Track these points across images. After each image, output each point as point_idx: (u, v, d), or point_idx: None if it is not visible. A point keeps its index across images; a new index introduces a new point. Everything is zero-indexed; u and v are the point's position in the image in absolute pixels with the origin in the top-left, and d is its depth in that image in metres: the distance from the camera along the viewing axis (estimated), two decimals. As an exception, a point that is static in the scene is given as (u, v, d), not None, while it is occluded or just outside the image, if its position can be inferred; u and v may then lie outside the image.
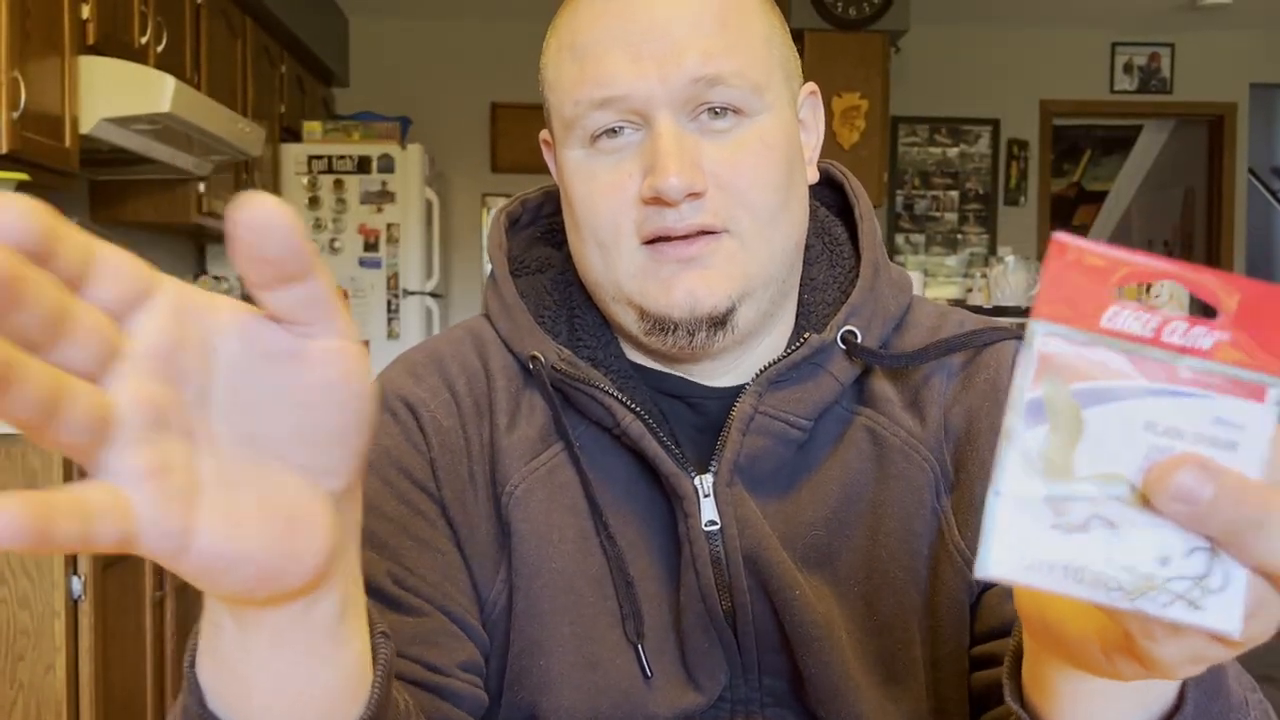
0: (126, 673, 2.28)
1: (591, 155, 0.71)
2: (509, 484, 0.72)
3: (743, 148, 0.69)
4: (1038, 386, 0.35)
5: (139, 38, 2.94)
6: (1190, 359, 0.35)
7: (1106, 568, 0.35)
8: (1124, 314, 0.35)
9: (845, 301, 0.74)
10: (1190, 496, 0.34)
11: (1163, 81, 5.75)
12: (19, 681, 2.03)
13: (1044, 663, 0.48)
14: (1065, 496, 0.35)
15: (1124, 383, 0.35)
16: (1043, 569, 0.35)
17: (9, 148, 2.31)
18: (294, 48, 4.47)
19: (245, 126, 3.30)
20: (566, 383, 0.71)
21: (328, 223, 4.38)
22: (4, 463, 2.02)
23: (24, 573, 2.02)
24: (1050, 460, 0.35)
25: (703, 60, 0.67)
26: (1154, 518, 0.35)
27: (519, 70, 5.41)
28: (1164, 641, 0.37)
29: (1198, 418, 0.35)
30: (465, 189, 5.46)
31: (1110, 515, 0.35)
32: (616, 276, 0.71)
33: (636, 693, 0.69)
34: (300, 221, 0.35)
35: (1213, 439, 0.35)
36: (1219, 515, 0.34)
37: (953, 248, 5.81)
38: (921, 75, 5.59)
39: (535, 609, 0.70)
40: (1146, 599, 0.34)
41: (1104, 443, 0.35)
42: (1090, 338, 0.35)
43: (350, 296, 4.39)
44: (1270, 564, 0.34)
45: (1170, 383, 0.35)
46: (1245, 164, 5.89)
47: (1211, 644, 0.36)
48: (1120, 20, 5.54)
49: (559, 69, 0.72)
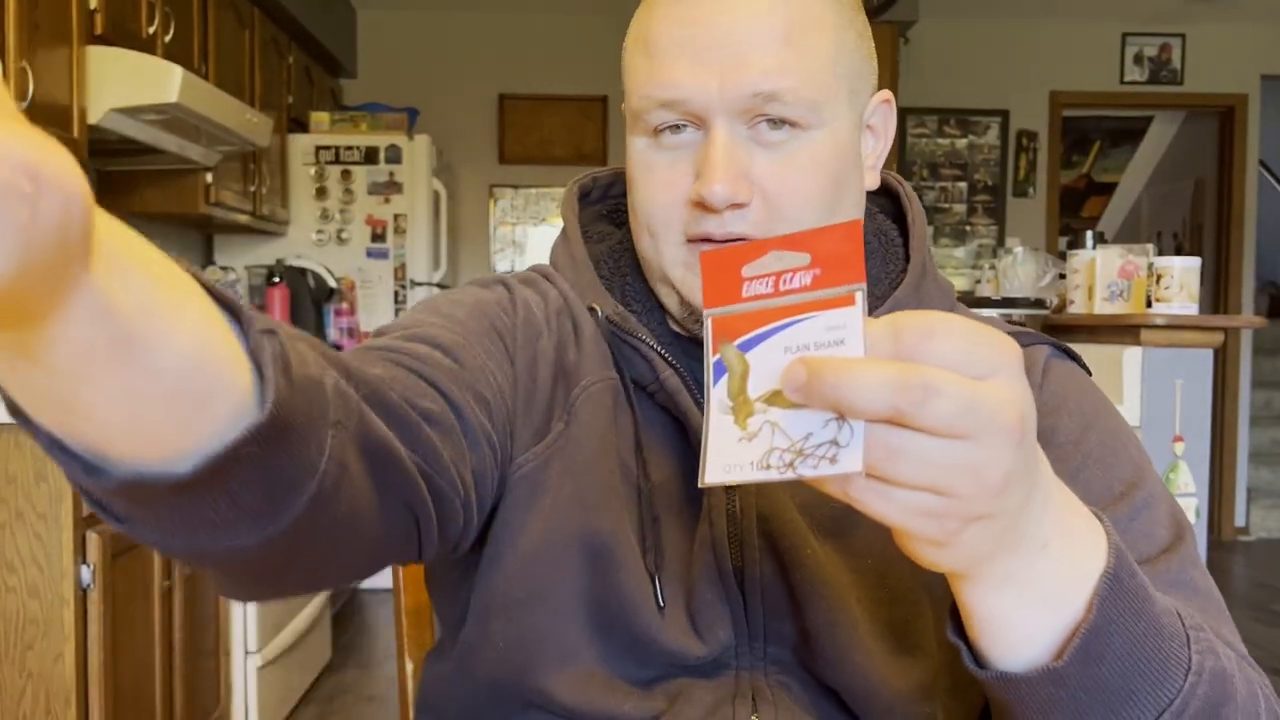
0: (135, 662, 2.29)
1: (653, 147, 0.75)
2: (587, 379, 0.77)
3: (791, 163, 0.72)
4: (715, 352, 0.49)
5: (147, 28, 2.94)
6: (797, 296, 0.48)
7: (773, 455, 0.46)
8: (754, 284, 0.49)
9: (891, 296, 0.78)
10: (795, 383, 0.45)
11: (1173, 73, 5.72)
12: (28, 670, 2.04)
13: (954, 590, 0.54)
14: (745, 417, 0.48)
15: (766, 327, 0.48)
16: (735, 469, 0.47)
17: (17, 138, 2.31)
18: (302, 38, 4.46)
19: (253, 117, 3.30)
20: (617, 333, 0.77)
21: (335, 213, 4.38)
22: (13, 451, 2.02)
23: (33, 562, 2.03)
24: (735, 398, 0.48)
25: (761, 76, 0.70)
26: (797, 409, 0.46)
27: (527, 62, 5.40)
28: (865, 498, 0.46)
29: (815, 332, 0.47)
30: (472, 180, 5.46)
31: (773, 419, 0.47)
32: (663, 263, 0.76)
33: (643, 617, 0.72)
34: None
35: (829, 342, 0.47)
36: (819, 390, 0.44)
37: (961, 239, 5.79)
38: (930, 66, 5.57)
39: (567, 501, 0.73)
40: (804, 465, 0.45)
41: (763, 372, 0.48)
42: (739, 306, 0.50)
43: (357, 287, 4.39)
44: (867, 411, 0.44)
45: (791, 316, 0.48)
46: (1256, 156, 5.86)
47: (881, 489, 0.45)
48: (1131, 11, 5.51)
49: (632, 60, 0.76)
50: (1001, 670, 0.53)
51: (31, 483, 2.03)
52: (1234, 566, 5.22)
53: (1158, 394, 2.66)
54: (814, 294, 0.48)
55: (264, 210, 4.02)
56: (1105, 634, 0.52)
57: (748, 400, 0.48)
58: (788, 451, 0.46)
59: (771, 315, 0.48)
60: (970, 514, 0.46)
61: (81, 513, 2.07)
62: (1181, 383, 2.66)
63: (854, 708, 0.72)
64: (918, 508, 0.45)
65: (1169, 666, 0.54)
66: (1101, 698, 0.53)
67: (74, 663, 2.05)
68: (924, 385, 0.43)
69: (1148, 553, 0.69)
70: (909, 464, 0.44)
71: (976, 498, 0.45)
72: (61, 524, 2.03)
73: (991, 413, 0.44)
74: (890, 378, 0.43)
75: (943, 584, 0.72)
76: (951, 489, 0.45)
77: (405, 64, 5.36)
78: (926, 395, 0.43)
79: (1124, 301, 2.84)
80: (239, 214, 3.79)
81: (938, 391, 0.43)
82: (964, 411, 0.43)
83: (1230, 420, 5.75)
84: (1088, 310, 2.91)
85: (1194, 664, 0.55)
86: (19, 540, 2.03)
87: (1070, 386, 0.77)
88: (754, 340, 0.48)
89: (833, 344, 0.46)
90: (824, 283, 0.47)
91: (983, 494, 0.45)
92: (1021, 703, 0.54)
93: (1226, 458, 5.75)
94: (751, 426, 0.47)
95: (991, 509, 0.46)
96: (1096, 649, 0.52)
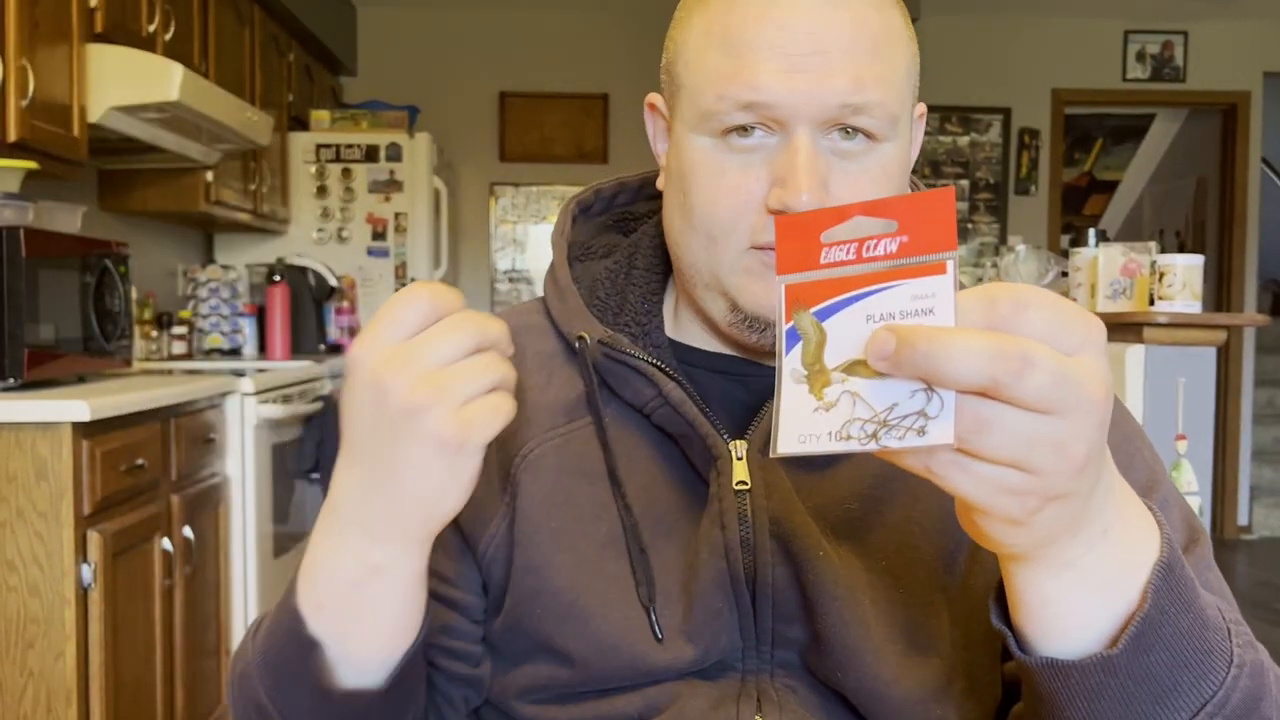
0: (136, 661, 2.29)
1: (720, 148, 0.72)
2: (526, 446, 0.76)
3: (867, 175, 0.71)
4: (789, 320, 0.48)
5: (147, 26, 2.93)
6: (883, 263, 0.46)
7: (852, 426, 0.45)
8: (834, 250, 0.48)
9: None
10: (883, 352, 0.44)
11: (1176, 70, 5.71)
12: (29, 669, 2.04)
13: (1006, 574, 0.53)
14: (822, 386, 0.46)
15: (846, 295, 0.47)
16: (811, 439, 0.46)
17: (18, 136, 2.31)
18: (302, 36, 4.46)
19: (253, 115, 3.30)
20: (611, 354, 0.75)
21: (335, 212, 4.37)
22: (14, 449, 2.02)
23: (34, 561, 2.03)
24: (810, 367, 0.47)
25: (853, 87, 0.69)
26: (881, 379, 0.45)
27: (527, 59, 5.40)
28: (948, 473, 0.45)
29: (901, 301, 0.45)
30: (473, 178, 5.45)
31: (854, 389, 0.46)
32: (717, 270, 0.73)
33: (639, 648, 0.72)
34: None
35: (916, 311, 0.45)
36: (910, 359, 0.43)
37: (963, 237, 5.78)
38: (932, 63, 5.54)
39: (530, 564, 0.74)
40: (889, 436, 0.44)
41: (842, 340, 0.46)
42: (817, 273, 0.48)
43: (358, 286, 4.38)
44: (961, 381, 0.43)
45: (875, 284, 0.46)
46: (1258, 153, 5.85)
47: (975, 464, 0.45)
48: (1133, 8, 5.50)
49: (703, 54, 0.72)
50: (1051, 657, 0.53)
51: (32, 481, 2.02)
52: (1237, 565, 5.21)
53: (1160, 392, 2.65)
54: (900, 261, 0.46)
55: (264, 209, 4.01)
56: (1158, 624, 0.51)
57: (824, 369, 0.46)
58: (870, 422, 0.45)
59: (852, 283, 0.46)
60: (1051, 491, 0.45)
61: (82, 511, 2.06)
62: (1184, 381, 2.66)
63: (862, 710, 0.71)
64: (1001, 484, 0.45)
65: (1213, 658, 0.54)
66: (1149, 687, 0.53)
67: (75, 662, 2.05)
68: (1022, 356, 0.42)
69: None
70: (999, 437, 0.44)
71: (1059, 474, 0.45)
72: (62, 523, 2.03)
73: (1080, 387, 0.43)
74: (988, 347, 0.42)
75: (957, 585, 0.72)
76: (1037, 465, 0.44)
77: (406, 62, 5.35)
78: (1025, 366, 0.42)
79: (1126, 300, 2.83)
80: (239, 212, 3.79)
81: (1034, 364, 0.42)
82: (1058, 385, 0.43)
83: (1233, 419, 5.74)
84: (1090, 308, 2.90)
85: (1236, 657, 0.55)
86: (20, 539, 2.03)
87: None
88: (833, 308, 0.47)
89: (920, 313, 0.45)
90: (911, 250, 0.46)
91: (1066, 471, 0.45)
92: (1069, 691, 0.53)
93: (1229, 456, 5.74)
94: (829, 396, 0.46)
95: (1072, 488, 0.46)
96: (1149, 638, 0.51)
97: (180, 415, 2.51)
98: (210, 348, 3.95)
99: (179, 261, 4.07)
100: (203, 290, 3.95)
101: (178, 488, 2.52)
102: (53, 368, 2.29)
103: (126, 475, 2.22)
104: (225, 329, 3.97)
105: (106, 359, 2.53)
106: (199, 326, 3.93)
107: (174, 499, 2.48)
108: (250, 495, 2.89)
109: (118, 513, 2.20)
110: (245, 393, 2.85)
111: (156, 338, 3.61)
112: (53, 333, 2.29)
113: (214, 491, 2.74)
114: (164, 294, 3.88)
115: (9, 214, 2.23)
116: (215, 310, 3.95)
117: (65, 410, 2.01)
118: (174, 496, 2.48)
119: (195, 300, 3.95)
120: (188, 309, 3.91)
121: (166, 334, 3.66)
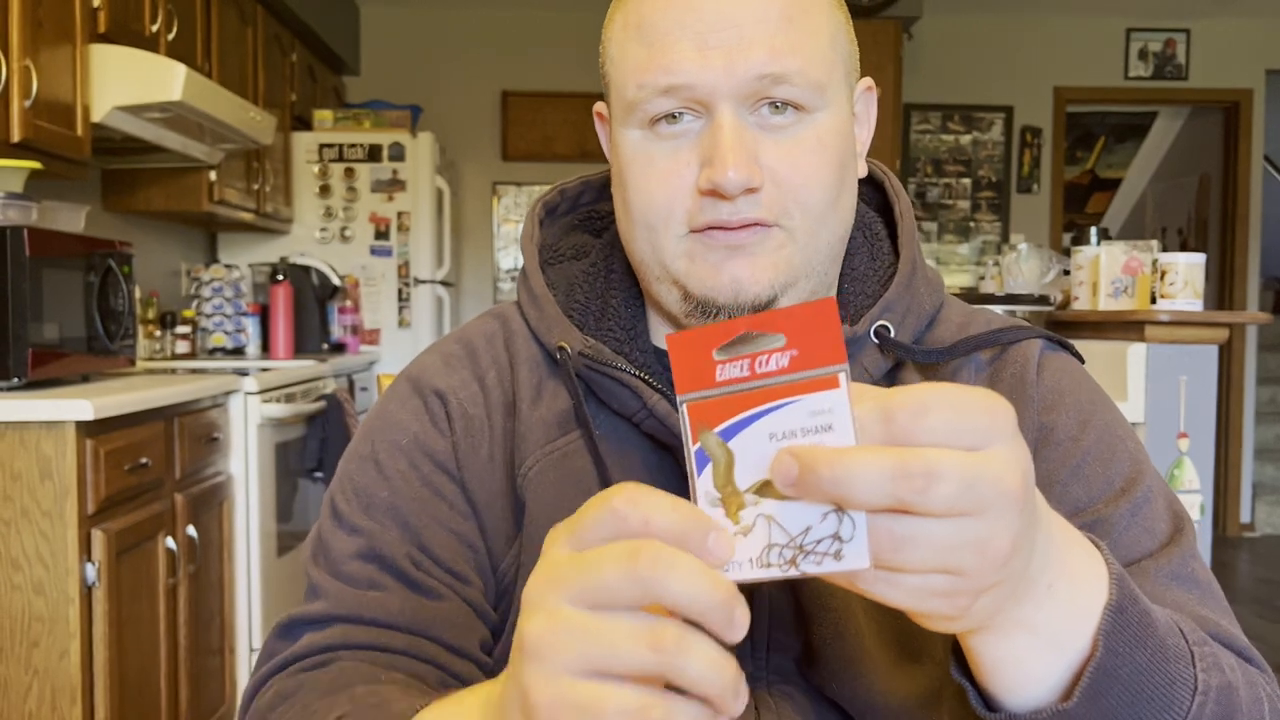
0: (140, 659, 2.30)
1: (649, 139, 0.72)
2: (525, 465, 0.75)
3: (800, 145, 0.70)
4: (695, 441, 0.46)
5: (150, 26, 2.94)
6: (776, 379, 0.45)
7: (771, 552, 0.44)
8: (728, 367, 0.46)
9: (881, 296, 0.76)
10: (787, 478, 0.43)
11: (1178, 68, 5.71)
12: (34, 667, 2.04)
13: (959, 638, 0.52)
14: (737, 509, 0.45)
15: (747, 413, 0.45)
16: (735, 567, 0.44)
17: (21, 136, 2.31)
18: (305, 36, 4.47)
19: (256, 115, 3.31)
20: (593, 367, 0.74)
21: (338, 211, 4.38)
22: (18, 449, 2.03)
23: (39, 559, 2.04)
24: (722, 490, 0.45)
25: (769, 57, 0.68)
26: (791, 502, 0.44)
27: (530, 58, 5.40)
28: (873, 588, 0.44)
29: (800, 418, 0.44)
30: (476, 177, 5.46)
31: (768, 512, 0.44)
32: (663, 258, 0.73)
33: None
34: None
35: (815, 428, 0.44)
36: (814, 484, 0.42)
37: (965, 235, 5.78)
38: (934, 62, 5.56)
39: None
40: (806, 563, 0.44)
41: (749, 461, 0.45)
42: (715, 391, 0.46)
43: (361, 285, 4.39)
44: (868, 504, 0.42)
45: (773, 400, 0.45)
46: (1261, 151, 5.84)
47: (894, 578, 0.44)
48: (1135, 6, 5.50)
49: (623, 48, 0.73)
50: (1011, 711, 0.53)
51: (37, 480, 2.03)
52: (1239, 563, 5.21)
53: (1162, 390, 2.65)
54: (793, 376, 0.44)
55: (267, 208, 4.02)
56: (1112, 668, 0.51)
57: (737, 492, 0.45)
58: (788, 548, 0.44)
59: (751, 400, 0.45)
60: (980, 586, 0.45)
61: (86, 510, 2.07)
62: (1186, 379, 2.66)
63: (857, 718, 0.71)
64: (928, 590, 0.44)
65: (1175, 689, 0.53)
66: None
67: (79, 660, 2.05)
68: (925, 472, 0.41)
69: (1150, 548, 0.69)
70: (917, 551, 0.43)
71: (985, 570, 0.44)
72: (67, 521, 2.04)
73: (993, 483, 0.42)
74: (889, 467, 0.41)
75: None
76: (961, 568, 0.43)
77: (408, 61, 5.36)
78: (929, 481, 0.41)
79: (1128, 298, 2.83)
80: (242, 212, 3.80)
81: (939, 475, 0.41)
82: (967, 490, 0.42)
83: (1235, 416, 5.74)
84: (1092, 306, 2.90)
85: (1200, 683, 0.54)
86: (24, 538, 2.03)
87: (1065, 381, 0.76)
88: (736, 427, 0.45)
89: (820, 430, 0.44)
90: (803, 364, 0.44)
91: (991, 565, 0.44)
92: None
93: (1232, 454, 5.74)
94: (745, 519, 0.45)
95: (1000, 577, 0.45)
96: (1104, 683, 0.51)
97: (184, 414, 2.52)
98: (214, 347, 3.95)
99: (182, 261, 4.08)
100: (206, 290, 3.95)
101: (181, 486, 2.52)
102: (56, 367, 2.30)
103: (130, 474, 2.23)
104: (228, 328, 3.97)
105: (110, 358, 2.53)
106: (202, 326, 3.94)
107: (178, 498, 2.49)
108: (254, 494, 2.89)
109: (122, 511, 2.21)
110: (249, 392, 2.86)
111: (160, 337, 3.62)
112: (56, 332, 2.30)
113: (218, 490, 2.75)
114: (167, 293, 3.89)
115: (13, 214, 2.23)
116: (219, 310, 3.96)
117: (69, 409, 2.02)
118: (178, 495, 2.49)
119: (198, 300, 3.96)
120: (191, 308, 3.92)
121: (170, 333, 3.66)
